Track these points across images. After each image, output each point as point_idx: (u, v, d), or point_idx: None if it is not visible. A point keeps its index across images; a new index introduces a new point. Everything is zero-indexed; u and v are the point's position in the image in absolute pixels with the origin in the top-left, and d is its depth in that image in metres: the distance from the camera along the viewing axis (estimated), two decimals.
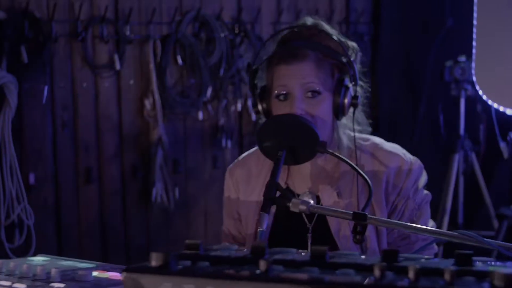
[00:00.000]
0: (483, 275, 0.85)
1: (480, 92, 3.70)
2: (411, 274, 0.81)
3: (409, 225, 1.63)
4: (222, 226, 2.15)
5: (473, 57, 3.68)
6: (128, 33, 3.24)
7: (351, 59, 1.88)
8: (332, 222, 1.89)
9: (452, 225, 4.04)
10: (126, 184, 3.36)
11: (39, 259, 1.53)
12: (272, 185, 1.66)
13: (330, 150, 1.78)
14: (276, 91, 1.83)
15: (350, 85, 1.87)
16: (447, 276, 0.80)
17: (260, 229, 1.61)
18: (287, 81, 1.82)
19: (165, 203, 3.44)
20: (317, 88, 1.82)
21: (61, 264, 1.46)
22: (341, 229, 1.90)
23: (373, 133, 4.45)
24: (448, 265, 0.92)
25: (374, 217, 1.60)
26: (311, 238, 1.93)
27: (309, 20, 1.93)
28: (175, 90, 3.45)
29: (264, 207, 1.64)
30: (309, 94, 1.82)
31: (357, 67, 1.94)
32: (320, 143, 1.76)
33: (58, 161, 3.13)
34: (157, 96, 3.34)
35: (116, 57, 3.21)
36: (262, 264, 0.85)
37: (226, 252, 1.02)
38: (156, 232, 3.49)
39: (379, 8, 4.22)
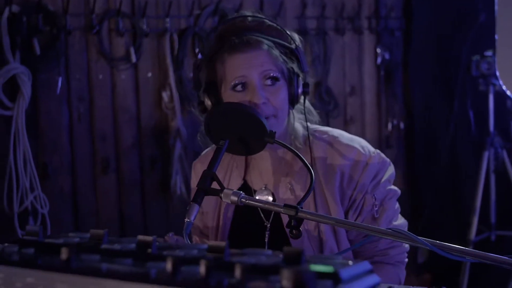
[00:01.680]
0: (273, 271, 0.81)
1: (504, 87, 3.56)
2: (202, 268, 0.79)
3: (342, 220, 1.59)
4: None
5: (496, 52, 3.55)
6: (144, 26, 3.28)
7: (299, 48, 1.85)
8: (286, 219, 1.86)
9: (484, 225, 3.91)
10: (144, 175, 3.40)
11: None
12: (206, 175, 1.65)
13: (280, 141, 1.75)
14: (232, 82, 1.79)
15: (300, 73, 1.84)
16: (237, 272, 0.78)
17: (187, 220, 1.60)
18: (245, 71, 1.78)
19: (184, 195, 3.47)
20: (276, 75, 1.79)
21: None
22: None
23: (406, 129, 4.38)
24: (274, 262, 0.89)
25: (306, 210, 1.56)
26: (268, 236, 1.91)
27: (248, 13, 1.90)
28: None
29: (195, 197, 1.63)
30: (268, 81, 1.78)
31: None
32: (269, 133, 1.73)
33: (75, 151, 3.19)
34: (174, 89, 3.38)
35: (132, 50, 3.26)
36: (64, 252, 0.85)
37: (64, 240, 1.02)
38: (176, 222, 3.52)
39: (410, 2, 4.12)
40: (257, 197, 1.92)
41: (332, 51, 3.92)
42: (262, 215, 1.90)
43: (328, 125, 3.86)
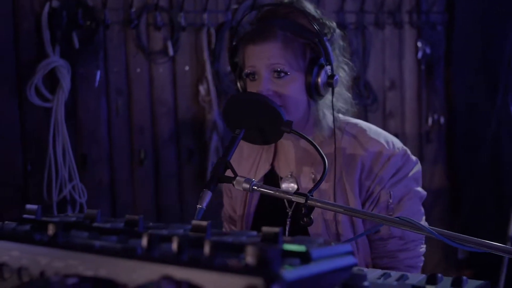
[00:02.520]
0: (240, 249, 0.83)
1: None
2: (174, 245, 0.82)
3: (350, 208, 1.59)
4: (223, 208, 2.20)
5: None
6: (182, 20, 3.32)
7: (325, 38, 1.84)
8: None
9: None
10: (181, 167, 3.45)
11: None
12: (221, 162, 1.68)
13: (298, 131, 1.77)
14: (245, 71, 1.86)
15: (325, 65, 1.83)
16: (206, 248, 0.81)
17: (199, 206, 1.63)
18: (254, 62, 1.83)
19: (220, 187, 3.50)
20: (283, 69, 1.81)
21: None
22: (314, 214, 1.88)
23: (447, 124, 4.32)
24: (249, 241, 0.91)
25: (316, 198, 1.58)
26: (289, 223, 1.93)
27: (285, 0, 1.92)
28: (231, 77, 3.50)
29: (208, 184, 1.66)
30: (276, 74, 1.81)
31: (337, 46, 1.91)
32: (285, 123, 1.75)
33: (113, 143, 3.26)
34: (211, 83, 3.41)
35: (169, 43, 3.31)
36: (51, 228, 0.89)
37: (59, 219, 1.06)
38: (213, 214, 3.55)
39: None
40: (283, 185, 1.95)
41: (371, 46, 3.90)
42: (286, 203, 1.92)
43: (366, 119, 3.85)
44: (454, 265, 4.22)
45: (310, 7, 1.92)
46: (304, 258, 0.83)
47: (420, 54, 4.07)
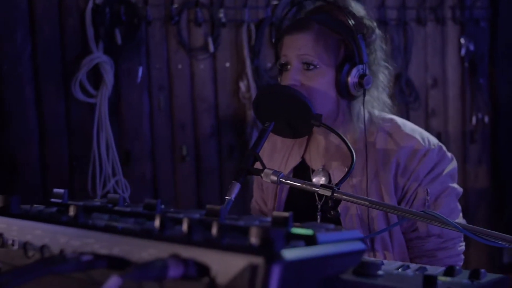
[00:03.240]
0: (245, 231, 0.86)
1: None
2: (184, 226, 0.85)
3: (376, 201, 1.60)
4: (252, 199, 2.22)
5: None
6: (222, 17, 3.37)
7: (360, 36, 1.83)
8: (341, 202, 1.88)
9: None
10: (222, 163, 3.50)
11: None
12: (249, 155, 1.70)
13: (325, 124, 1.77)
14: (279, 61, 1.88)
15: (359, 64, 1.82)
16: (213, 230, 0.84)
17: (228, 197, 1.66)
18: (286, 51, 1.85)
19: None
20: (312, 61, 1.81)
21: None
22: (349, 209, 1.88)
23: (492, 124, 4.25)
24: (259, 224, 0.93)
25: (341, 191, 1.58)
26: (320, 216, 1.93)
27: None
28: (271, 73, 3.53)
29: (237, 176, 1.68)
30: (305, 66, 1.82)
31: (378, 48, 1.90)
32: (314, 116, 1.75)
33: (155, 139, 3.32)
34: (251, 79, 3.45)
35: (210, 40, 3.35)
36: (72, 210, 0.94)
37: (84, 203, 1.10)
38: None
39: None
40: (314, 178, 1.95)
41: (413, 42, 3.88)
42: (316, 196, 1.92)
43: (408, 118, 3.83)
44: (499, 269, 4.16)
45: (357, 7, 1.91)
46: (310, 241, 0.85)
47: (463, 51, 4.03)
